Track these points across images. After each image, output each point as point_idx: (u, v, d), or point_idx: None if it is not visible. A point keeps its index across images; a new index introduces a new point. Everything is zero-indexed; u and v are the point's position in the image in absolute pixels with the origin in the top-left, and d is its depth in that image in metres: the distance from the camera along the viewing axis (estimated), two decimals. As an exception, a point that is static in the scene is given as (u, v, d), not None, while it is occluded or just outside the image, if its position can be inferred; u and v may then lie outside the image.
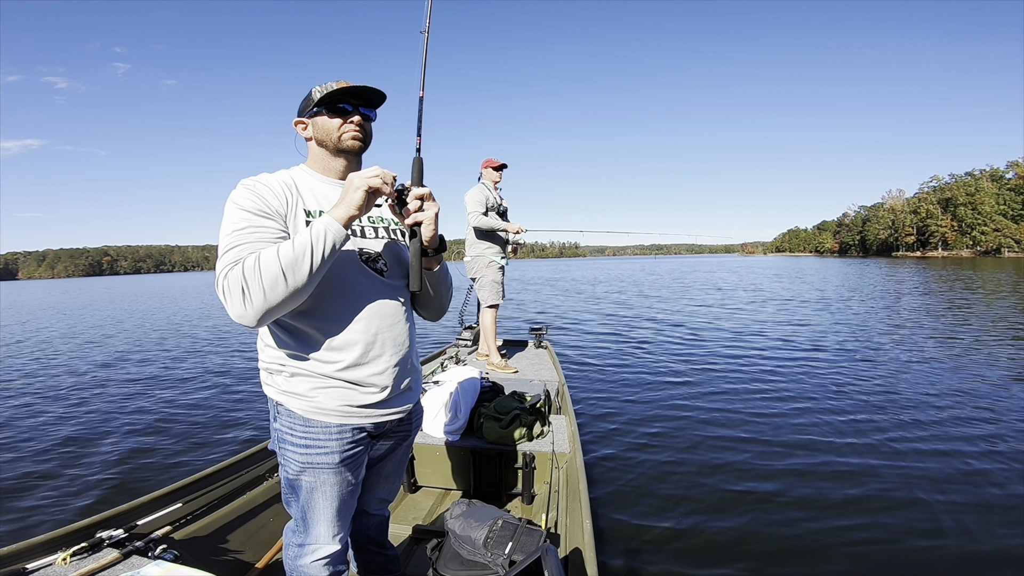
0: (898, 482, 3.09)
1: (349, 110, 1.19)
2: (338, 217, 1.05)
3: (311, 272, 1.01)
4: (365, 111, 1.22)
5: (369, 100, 1.22)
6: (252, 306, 0.98)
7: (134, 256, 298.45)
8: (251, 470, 2.20)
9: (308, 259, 1.00)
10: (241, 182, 1.12)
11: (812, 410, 4.46)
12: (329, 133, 1.19)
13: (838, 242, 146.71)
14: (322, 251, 1.02)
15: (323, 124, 1.19)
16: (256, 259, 0.99)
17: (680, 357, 6.96)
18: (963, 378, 5.45)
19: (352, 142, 1.20)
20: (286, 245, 1.01)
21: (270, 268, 0.98)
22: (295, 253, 1.00)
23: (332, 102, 1.17)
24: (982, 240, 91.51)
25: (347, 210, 1.06)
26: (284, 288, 0.99)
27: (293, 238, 1.04)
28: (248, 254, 1.01)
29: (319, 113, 1.19)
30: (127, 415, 4.98)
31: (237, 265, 1.00)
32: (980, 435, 3.78)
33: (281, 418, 1.19)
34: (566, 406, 3.17)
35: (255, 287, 0.97)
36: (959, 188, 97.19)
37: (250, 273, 0.97)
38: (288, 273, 0.99)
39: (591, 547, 1.61)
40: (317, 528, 1.23)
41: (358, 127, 1.20)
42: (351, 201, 1.05)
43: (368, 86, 1.18)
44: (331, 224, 1.04)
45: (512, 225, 4.05)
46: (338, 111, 1.18)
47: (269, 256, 0.99)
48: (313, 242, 1.01)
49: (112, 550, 1.47)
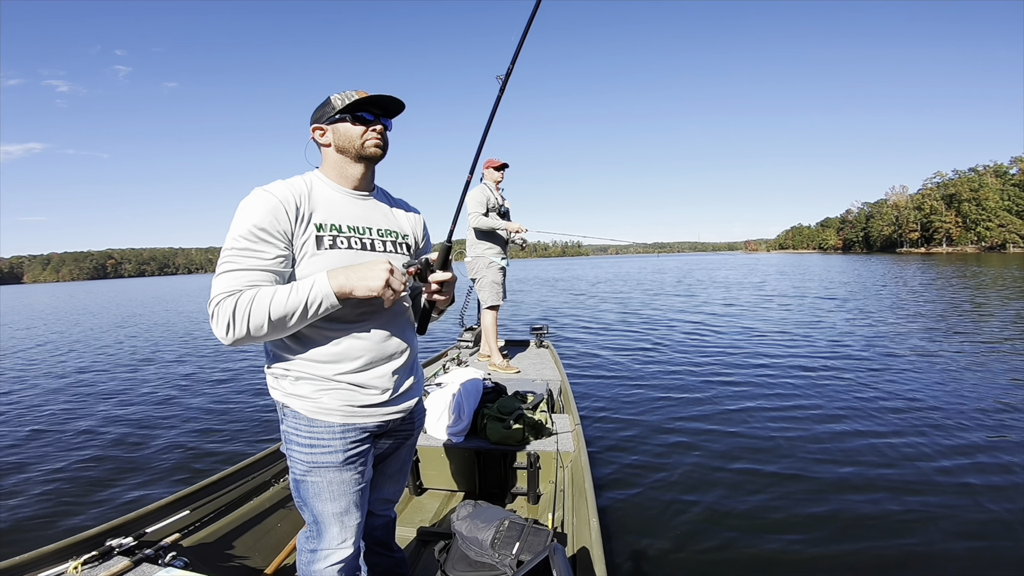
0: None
1: (371, 119, 1.22)
2: (339, 288, 1.08)
3: (294, 326, 1.08)
4: (385, 121, 1.27)
5: (388, 110, 1.26)
6: (232, 337, 1.05)
7: (138, 259, 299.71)
8: (258, 475, 2.21)
9: (296, 318, 1.06)
10: (254, 191, 1.13)
11: (816, 408, 4.45)
12: (352, 140, 1.22)
13: (842, 239, 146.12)
14: (313, 314, 1.08)
15: (345, 131, 1.22)
16: (249, 302, 1.04)
17: (682, 355, 6.94)
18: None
19: (375, 149, 1.24)
20: (280, 297, 1.05)
21: (259, 314, 1.04)
22: (286, 309, 1.05)
23: (355, 110, 1.21)
24: (987, 236, 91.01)
25: (354, 288, 1.08)
26: (265, 332, 1.06)
27: (289, 290, 1.06)
28: (244, 287, 1.06)
29: (341, 120, 1.21)
30: (133, 418, 5.01)
31: (231, 297, 1.04)
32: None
33: (287, 419, 1.22)
34: (569, 405, 3.17)
35: (240, 325, 1.04)
36: (963, 184, 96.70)
37: (239, 313, 1.03)
38: (274, 323, 1.05)
39: (599, 546, 1.62)
40: (329, 531, 1.25)
41: (380, 136, 1.24)
42: (365, 286, 1.08)
43: (391, 96, 1.22)
44: (329, 296, 1.07)
45: (512, 225, 4.04)
46: (360, 119, 1.21)
47: (261, 303, 1.04)
48: (308, 305, 1.06)
49: (122, 558, 1.49)
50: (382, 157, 1.27)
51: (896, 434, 3.78)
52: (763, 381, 5.41)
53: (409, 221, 1.40)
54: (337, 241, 1.19)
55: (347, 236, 1.21)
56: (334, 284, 1.07)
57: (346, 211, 1.23)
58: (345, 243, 1.20)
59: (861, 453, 3.47)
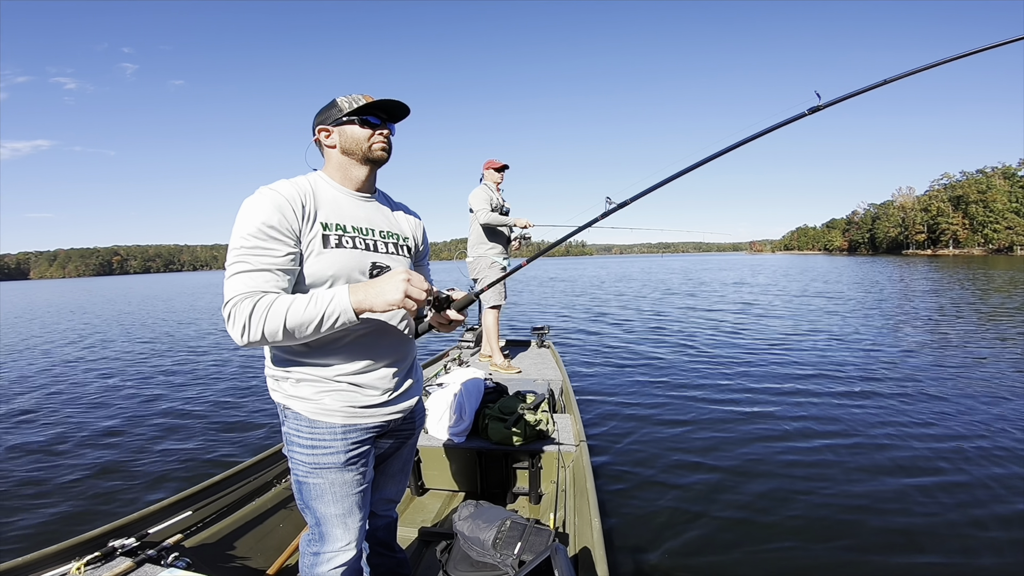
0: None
1: (378, 123, 1.23)
2: (358, 304, 1.05)
3: (310, 336, 1.07)
4: (390, 125, 1.27)
5: (394, 115, 1.27)
6: (246, 339, 1.04)
7: (143, 256, 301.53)
8: (260, 476, 2.22)
9: (312, 328, 1.05)
10: (260, 189, 1.13)
11: (822, 409, 4.42)
12: (359, 143, 1.22)
13: (847, 240, 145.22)
14: (329, 327, 1.06)
15: (352, 133, 1.22)
16: (267, 308, 1.03)
17: (684, 355, 6.91)
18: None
19: (381, 153, 1.24)
20: (298, 306, 1.03)
21: (274, 322, 1.03)
22: (302, 319, 1.03)
23: (363, 114, 1.22)
24: (994, 238, 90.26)
25: (372, 304, 1.05)
26: (280, 339, 1.05)
27: (307, 301, 1.04)
28: (260, 287, 1.05)
29: (348, 123, 1.21)
30: (139, 418, 5.04)
31: (249, 300, 1.03)
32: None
33: (288, 421, 1.22)
34: (570, 405, 3.17)
35: (255, 330, 1.03)
36: (970, 185, 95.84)
37: (256, 318, 1.03)
38: (289, 331, 1.04)
39: (600, 545, 1.62)
40: (332, 533, 1.25)
41: (386, 139, 1.25)
42: (383, 300, 1.05)
43: (398, 101, 1.23)
44: (347, 311, 1.05)
45: (521, 220, 4.15)
46: (368, 123, 1.22)
47: (278, 310, 1.03)
48: (325, 317, 1.04)
49: (125, 559, 1.50)
50: (387, 160, 1.28)
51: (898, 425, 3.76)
52: (766, 382, 5.38)
53: (409, 224, 1.41)
54: (343, 240, 1.19)
55: (352, 236, 1.21)
56: (353, 300, 1.05)
57: (350, 212, 1.24)
58: (350, 243, 1.20)
59: (872, 455, 3.44)
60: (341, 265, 1.17)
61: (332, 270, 1.15)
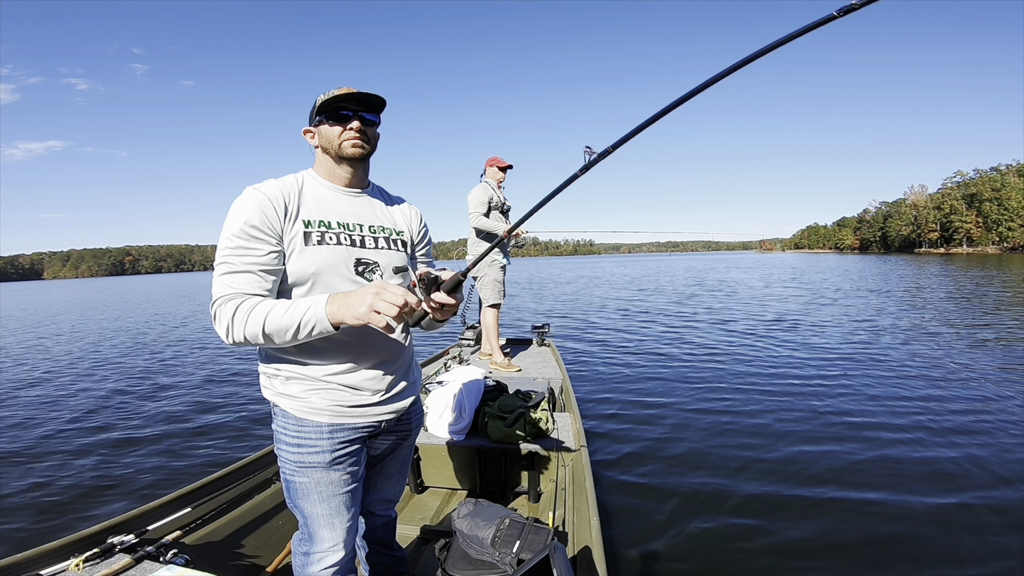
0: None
1: (350, 116, 1.18)
2: (332, 315, 1.03)
3: (289, 341, 1.08)
4: (369, 116, 1.21)
5: (370, 105, 1.20)
6: (231, 339, 1.07)
7: (155, 256, 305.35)
8: (259, 473, 2.23)
9: (290, 334, 1.06)
10: (246, 190, 1.14)
11: (827, 412, 4.37)
12: (331, 141, 1.19)
13: (858, 239, 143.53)
14: (306, 334, 1.06)
15: (325, 132, 1.20)
16: (248, 311, 1.05)
17: (685, 355, 6.87)
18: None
19: (352, 149, 1.19)
20: (277, 311, 1.05)
21: (254, 325, 1.05)
22: (280, 325, 1.05)
23: (332, 109, 1.17)
24: (1009, 236, 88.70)
25: (343, 317, 1.03)
26: (261, 342, 1.07)
27: (287, 307, 1.05)
28: (242, 288, 1.07)
29: (323, 121, 1.20)
30: (139, 416, 5.10)
31: (232, 302, 1.06)
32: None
33: (277, 418, 1.23)
34: (570, 403, 3.16)
35: (238, 331, 1.06)
36: (984, 183, 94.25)
37: (238, 320, 1.05)
38: (268, 335, 1.06)
39: (599, 544, 1.61)
40: (319, 534, 1.25)
41: (358, 134, 1.19)
42: (351, 314, 1.01)
43: (366, 92, 1.17)
44: (323, 320, 1.03)
45: (502, 228, 3.87)
46: (339, 118, 1.18)
47: (258, 315, 1.05)
48: (302, 325, 1.04)
49: (124, 555, 1.51)
50: (365, 155, 1.22)
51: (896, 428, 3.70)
52: (768, 381, 5.34)
53: (404, 216, 1.37)
54: (326, 237, 1.17)
55: (336, 232, 1.19)
56: (329, 310, 1.03)
57: (337, 208, 1.22)
58: (334, 239, 1.18)
59: (871, 457, 3.40)
60: (323, 262, 1.15)
61: (314, 267, 1.15)
